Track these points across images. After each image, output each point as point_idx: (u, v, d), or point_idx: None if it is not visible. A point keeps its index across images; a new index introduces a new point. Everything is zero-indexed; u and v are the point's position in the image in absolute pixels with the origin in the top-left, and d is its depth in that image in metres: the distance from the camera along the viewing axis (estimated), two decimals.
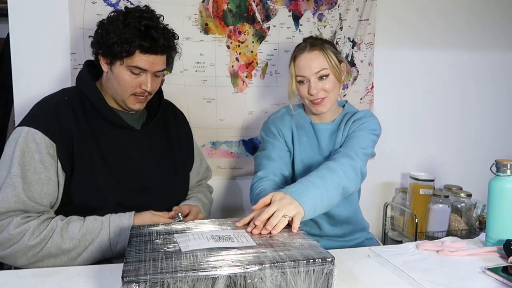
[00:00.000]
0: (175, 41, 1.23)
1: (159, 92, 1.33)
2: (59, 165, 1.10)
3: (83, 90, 1.20)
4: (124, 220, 1.11)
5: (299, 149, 1.36)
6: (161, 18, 1.19)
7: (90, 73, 1.21)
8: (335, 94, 1.31)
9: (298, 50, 1.31)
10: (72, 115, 1.15)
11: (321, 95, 1.28)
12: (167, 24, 1.21)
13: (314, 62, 1.26)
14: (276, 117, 1.40)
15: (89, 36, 1.21)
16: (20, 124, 1.12)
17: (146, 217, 1.13)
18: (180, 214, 1.20)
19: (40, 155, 1.08)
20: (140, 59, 1.13)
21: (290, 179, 1.35)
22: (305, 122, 1.38)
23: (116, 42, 1.11)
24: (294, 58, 1.31)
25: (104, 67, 1.18)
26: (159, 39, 1.13)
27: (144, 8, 1.18)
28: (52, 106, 1.16)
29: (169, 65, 1.26)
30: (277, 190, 1.03)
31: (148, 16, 1.14)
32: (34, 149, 1.08)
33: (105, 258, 1.10)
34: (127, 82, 1.15)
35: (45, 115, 1.13)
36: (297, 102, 1.41)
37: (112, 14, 1.17)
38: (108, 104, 1.20)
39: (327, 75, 1.27)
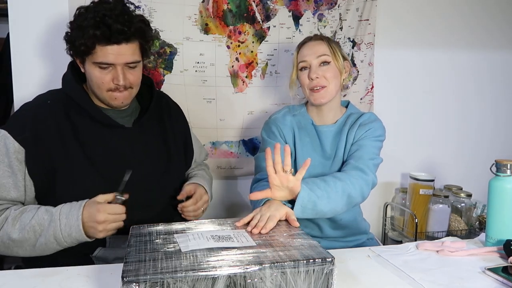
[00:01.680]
0: (145, 26, 1.13)
1: (151, 84, 1.28)
2: (26, 171, 1.08)
3: (68, 92, 1.17)
4: (73, 211, 1.03)
5: (301, 149, 1.35)
6: (129, 6, 1.11)
7: (74, 74, 1.18)
8: (335, 86, 1.32)
9: (303, 41, 1.37)
10: (53, 120, 1.12)
11: (321, 82, 1.29)
12: (134, 10, 1.12)
13: (317, 48, 1.31)
14: (277, 117, 1.40)
15: (64, 39, 1.15)
16: (2, 127, 1.11)
17: (93, 205, 1.04)
18: (118, 196, 1.08)
19: (9, 159, 1.07)
20: (102, 53, 1.07)
21: None
22: (307, 123, 1.38)
23: (76, 37, 1.06)
24: (298, 48, 1.36)
25: (81, 67, 1.15)
26: (113, 25, 1.04)
27: None
28: (32, 110, 1.14)
29: (146, 54, 1.18)
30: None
31: (107, 7, 1.06)
32: (4, 153, 1.07)
33: (63, 247, 1.05)
34: (99, 79, 1.11)
35: (21, 119, 1.12)
36: (297, 95, 1.45)
37: (78, 11, 1.11)
38: (95, 103, 1.18)
39: (328, 62, 1.30)
